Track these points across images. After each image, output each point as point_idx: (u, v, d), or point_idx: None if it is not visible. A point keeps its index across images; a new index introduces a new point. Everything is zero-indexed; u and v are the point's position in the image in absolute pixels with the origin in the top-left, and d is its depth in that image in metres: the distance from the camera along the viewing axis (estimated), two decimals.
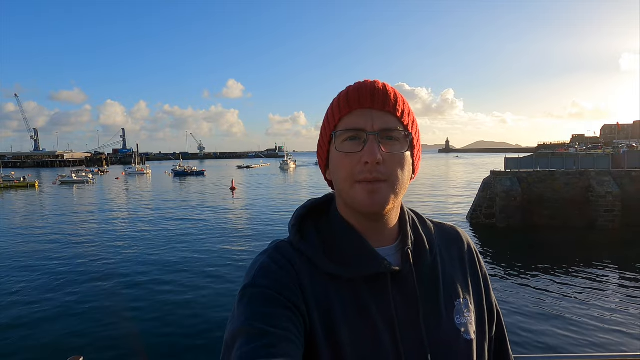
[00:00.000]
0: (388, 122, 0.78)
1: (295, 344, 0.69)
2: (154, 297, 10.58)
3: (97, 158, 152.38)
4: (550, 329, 8.51)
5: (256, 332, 0.68)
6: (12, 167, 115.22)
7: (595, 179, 19.05)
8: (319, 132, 0.88)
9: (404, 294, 0.80)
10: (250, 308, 0.72)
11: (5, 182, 49.19)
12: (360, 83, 0.82)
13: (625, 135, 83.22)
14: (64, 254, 15.43)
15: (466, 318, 0.84)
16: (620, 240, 16.67)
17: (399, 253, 0.84)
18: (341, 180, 0.79)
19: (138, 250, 15.89)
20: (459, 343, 0.81)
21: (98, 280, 12.00)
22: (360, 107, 0.78)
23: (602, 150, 38.46)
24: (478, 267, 0.94)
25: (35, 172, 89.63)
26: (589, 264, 13.13)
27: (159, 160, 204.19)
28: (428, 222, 0.93)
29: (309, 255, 0.80)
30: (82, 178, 55.62)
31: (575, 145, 70.15)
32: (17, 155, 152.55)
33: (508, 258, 14.42)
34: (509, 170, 20.47)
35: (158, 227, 21.00)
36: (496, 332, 0.94)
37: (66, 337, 8.33)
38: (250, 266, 0.80)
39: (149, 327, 8.70)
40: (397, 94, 0.80)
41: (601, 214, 18.50)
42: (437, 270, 0.86)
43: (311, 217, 0.87)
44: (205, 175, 65.84)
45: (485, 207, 19.97)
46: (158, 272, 12.74)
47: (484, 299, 0.91)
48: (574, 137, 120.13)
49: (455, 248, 0.92)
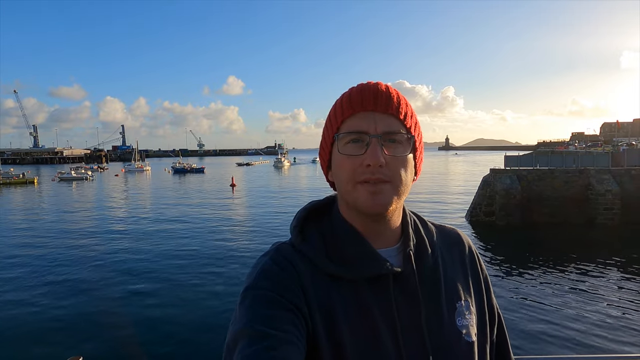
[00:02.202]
0: (391, 125, 0.78)
1: (297, 346, 0.70)
2: (153, 296, 10.58)
3: (96, 155, 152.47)
4: (549, 327, 8.53)
5: (258, 334, 0.68)
6: (11, 163, 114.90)
7: (595, 177, 19.07)
8: (321, 132, 0.88)
9: (405, 296, 0.80)
10: (251, 310, 0.72)
11: (4, 179, 49.11)
12: (363, 85, 0.81)
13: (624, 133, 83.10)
14: (62, 252, 15.43)
15: (467, 320, 0.84)
16: (620, 238, 16.70)
17: (400, 254, 0.84)
18: (343, 182, 0.79)
19: (137, 248, 15.89)
20: (460, 345, 0.81)
21: (97, 279, 12.00)
22: (363, 109, 0.78)
23: (601, 148, 38.40)
24: (479, 269, 0.94)
25: (35, 169, 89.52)
26: (588, 262, 13.15)
27: (158, 157, 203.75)
28: (429, 224, 0.93)
29: (311, 256, 0.80)
30: (82, 175, 55.59)
31: (575, 143, 70.15)
32: (16, 151, 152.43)
33: (507, 256, 14.44)
34: (509, 168, 20.50)
35: (157, 224, 21.00)
36: (497, 335, 0.94)
37: (65, 337, 8.30)
38: (252, 268, 0.80)
39: (149, 327, 8.69)
40: (399, 97, 0.80)
41: (600, 212, 18.53)
42: (439, 272, 0.86)
43: (313, 219, 0.87)
44: (204, 173, 65.79)
45: (484, 205, 19.98)
46: (158, 271, 12.75)
47: (485, 301, 0.91)
48: (573, 135, 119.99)
49: (456, 250, 0.93)
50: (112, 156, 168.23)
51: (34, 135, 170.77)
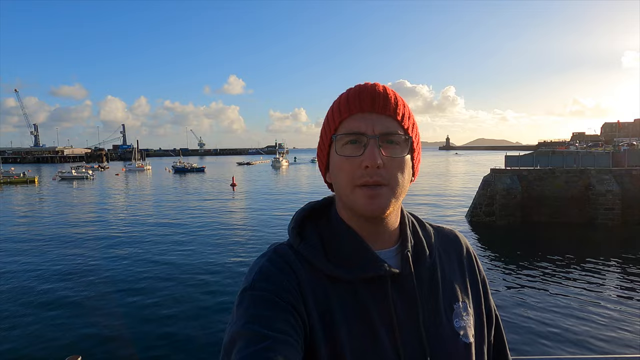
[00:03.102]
0: (388, 126, 0.78)
1: (295, 347, 0.69)
2: (153, 295, 10.58)
3: (97, 154, 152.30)
4: (549, 327, 8.52)
5: (255, 335, 0.68)
6: (12, 162, 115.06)
7: (596, 177, 19.05)
8: (319, 132, 0.88)
9: (403, 297, 0.80)
10: (249, 311, 0.72)
11: (5, 178, 49.16)
12: (360, 86, 0.81)
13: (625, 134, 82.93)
14: (62, 251, 15.44)
15: (465, 321, 0.84)
16: (620, 239, 16.69)
17: (398, 256, 0.84)
18: (341, 184, 0.79)
19: (138, 247, 15.90)
20: (457, 346, 0.81)
21: (97, 278, 12.00)
22: (360, 110, 0.78)
23: (602, 148, 38.39)
24: (477, 271, 0.94)
25: (35, 168, 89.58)
26: (589, 262, 13.14)
27: (159, 156, 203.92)
28: (427, 226, 0.93)
29: (309, 257, 0.80)
30: (82, 174, 55.58)
31: (575, 143, 70.11)
32: (17, 150, 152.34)
33: (508, 256, 14.43)
34: (509, 168, 20.50)
35: (157, 223, 21.01)
36: (495, 337, 0.94)
37: (64, 336, 8.29)
38: (250, 269, 0.80)
39: (148, 327, 8.68)
40: (397, 97, 0.80)
41: (601, 212, 18.51)
42: (437, 273, 0.86)
43: (311, 220, 0.87)
44: (205, 172, 65.81)
45: (485, 205, 19.97)
46: (157, 270, 12.74)
47: (482, 303, 0.92)
48: (574, 135, 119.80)
49: (454, 252, 0.93)
50: (113, 155, 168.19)
51: (35, 134, 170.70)
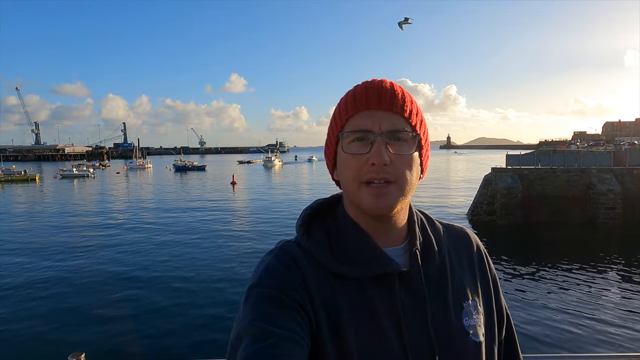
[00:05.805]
0: (395, 123, 0.77)
1: (301, 344, 0.69)
2: (156, 293, 10.58)
3: (98, 152, 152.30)
4: (549, 326, 8.52)
5: (261, 332, 0.68)
6: (13, 160, 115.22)
7: (597, 177, 19.02)
8: (323, 130, 0.87)
9: (411, 295, 0.79)
10: (255, 308, 0.72)
11: (6, 176, 49.19)
12: (367, 83, 0.80)
13: (627, 133, 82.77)
14: (64, 249, 15.45)
15: (475, 320, 0.83)
16: (621, 238, 16.69)
17: (407, 253, 0.83)
18: (348, 181, 0.78)
19: (139, 245, 15.91)
20: (467, 345, 0.81)
21: (99, 276, 12.01)
22: (367, 107, 0.77)
23: (603, 147, 38.30)
24: (487, 269, 0.93)
25: (36, 166, 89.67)
26: (590, 261, 13.13)
27: (159, 154, 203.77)
28: (437, 223, 0.92)
29: (316, 255, 0.80)
30: (83, 172, 55.69)
31: (576, 143, 69.92)
32: (18, 148, 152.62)
33: (508, 255, 14.41)
34: (510, 167, 20.46)
35: (158, 221, 21.02)
36: (506, 336, 0.94)
37: (67, 334, 8.30)
38: (257, 266, 0.80)
39: (151, 324, 8.69)
40: (404, 94, 0.79)
41: (602, 212, 18.49)
42: (446, 271, 0.85)
43: (318, 218, 0.86)
44: (205, 170, 65.81)
45: (486, 204, 19.95)
46: (160, 268, 12.76)
47: (493, 301, 0.91)
48: (575, 134, 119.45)
49: (464, 250, 0.92)
50: (114, 154, 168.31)
51: (36, 132, 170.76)
